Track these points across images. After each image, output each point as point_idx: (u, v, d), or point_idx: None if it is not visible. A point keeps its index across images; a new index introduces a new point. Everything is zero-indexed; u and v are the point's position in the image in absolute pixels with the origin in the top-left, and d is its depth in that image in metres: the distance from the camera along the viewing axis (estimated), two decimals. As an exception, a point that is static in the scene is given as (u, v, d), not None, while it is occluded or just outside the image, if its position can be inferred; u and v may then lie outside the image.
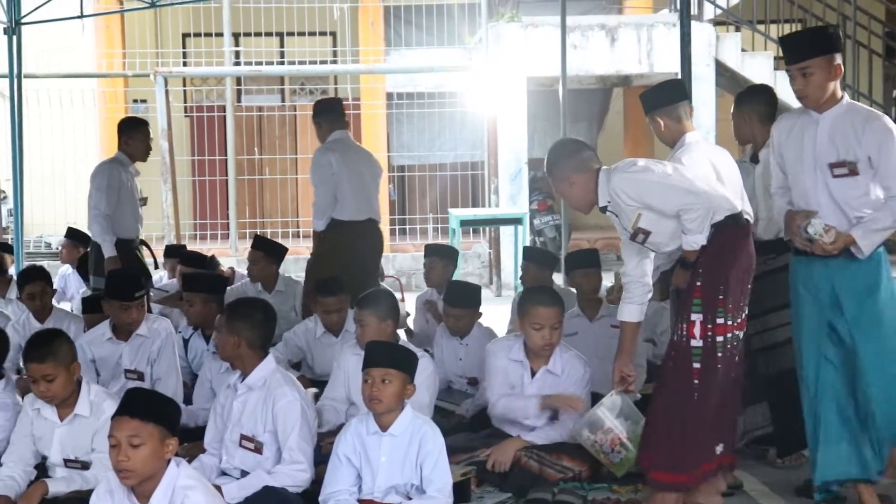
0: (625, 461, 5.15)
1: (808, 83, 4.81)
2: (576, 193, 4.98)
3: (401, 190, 15.89)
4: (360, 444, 4.70)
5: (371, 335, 5.61)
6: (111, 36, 15.17)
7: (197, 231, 14.90)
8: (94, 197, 7.90)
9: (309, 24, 14.97)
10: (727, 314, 4.74)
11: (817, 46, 4.82)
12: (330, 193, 7.77)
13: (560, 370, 5.61)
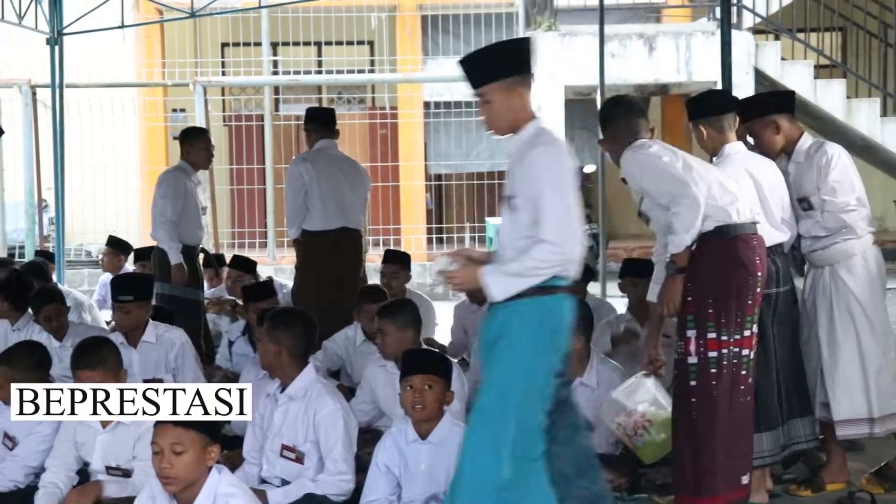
0: (648, 446, 5.11)
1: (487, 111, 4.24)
2: (612, 155, 5.07)
3: (437, 199, 15.90)
4: (399, 453, 4.70)
5: (392, 344, 5.62)
6: (151, 46, 15.29)
7: (235, 239, 14.96)
8: (160, 204, 7.95)
9: (347, 33, 15.03)
10: (720, 329, 4.69)
11: (493, 70, 4.22)
12: (298, 203, 7.84)
13: (595, 382, 5.58)
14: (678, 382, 4.82)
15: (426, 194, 15.40)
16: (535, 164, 4.06)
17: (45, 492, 4.84)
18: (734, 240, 4.74)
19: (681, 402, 4.80)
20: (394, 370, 5.71)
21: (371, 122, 15.39)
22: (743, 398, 4.79)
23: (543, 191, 4.00)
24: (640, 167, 4.81)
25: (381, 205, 14.70)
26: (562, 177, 4.05)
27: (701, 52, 13.32)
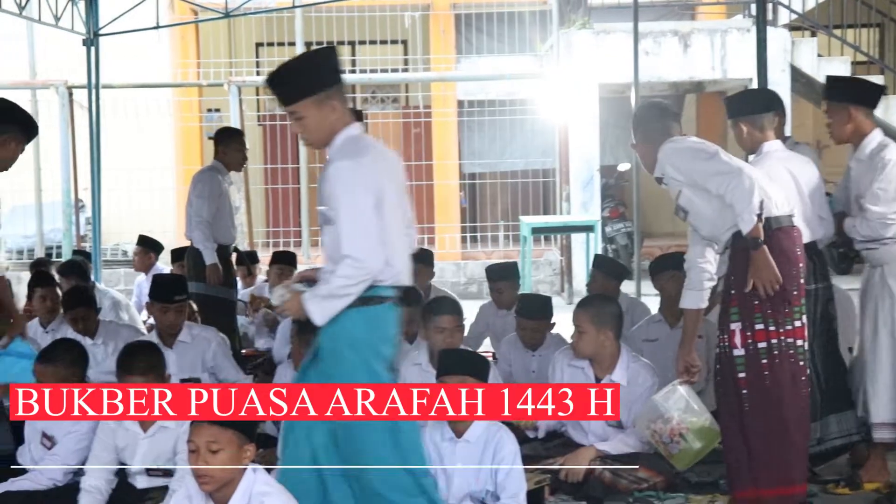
0: (684, 453, 5.10)
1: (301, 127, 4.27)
2: (644, 159, 5.06)
3: (472, 198, 15.90)
4: (434, 451, 4.71)
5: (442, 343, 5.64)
6: (186, 46, 15.37)
7: (269, 238, 15.01)
8: (196, 204, 7.98)
9: (380, 32, 15.05)
10: (767, 319, 4.68)
11: (304, 87, 4.21)
12: None
13: (626, 380, 5.56)
14: (722, 377, 4.79)
15: (460, 193, 15.39)
16: (332, 179, 4.11)
17: (89, 496, 4.88)
18: (776, 231, 4.73)
19: (729, 396, 4.78)
20: (428, 368, 5.73)
21: (405, 121, 15.40)
22: (802, 389, 4.77)
23: (339, 205, 4.06)
24: (683, 156, 4.82)
25: (414, 204, 14.58)
26: (356, 190, 4.08)
27: (736, 49, 13.22)
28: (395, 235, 4.19)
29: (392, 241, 4.17)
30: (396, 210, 4.24)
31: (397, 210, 4.25)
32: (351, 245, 4.04)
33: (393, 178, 4.29)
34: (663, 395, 5.12)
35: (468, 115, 15.08)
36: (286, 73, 4.24)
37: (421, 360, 5.83)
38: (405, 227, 4.32)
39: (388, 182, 4.23)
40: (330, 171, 4.13)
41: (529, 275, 12.78)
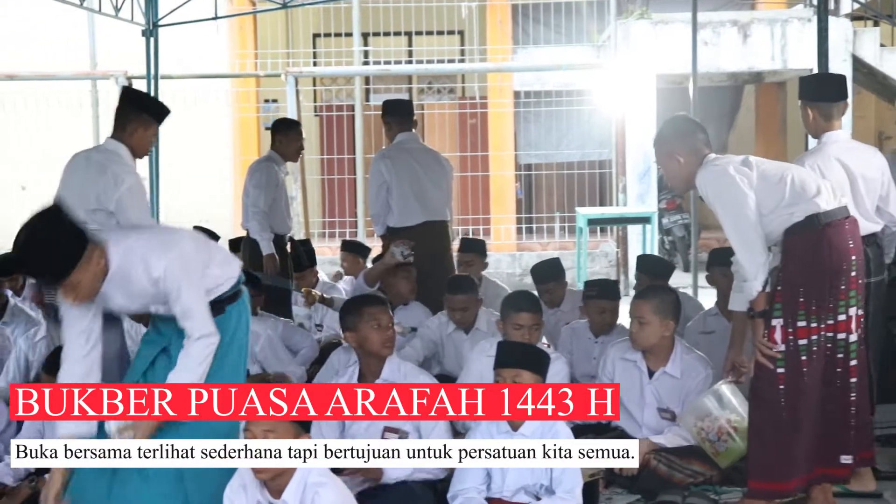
0: (730, 452, 5.10)
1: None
2: (679, 172, 4.94)
3: (527, 189, 15.85)
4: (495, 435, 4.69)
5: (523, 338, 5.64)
6: (244, 37, 15.45)
7: (326, 229, 15.07)
8: (252, 195, 8.04)
9: (437, 23, 15.03)
10: (810, 316, 4.64)
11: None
12: (380, 201, 7.89)
13: (679, 372, 5.52)
14: (760, 371, 4.75)
15: (516, 184, 15.35)
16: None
17: None
18: (824, 228, 4.68)
19: (765, 389, 4.74)
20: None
21: (461, 111, 15.38)
22: (841, 381, 4.74)
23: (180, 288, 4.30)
24: (715, 191, 4.77)
25: (470, 195, 14.70)
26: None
27: (797, 39, 13.08)
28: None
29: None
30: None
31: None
32: (200, 327, 4.41)
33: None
34: (711, 394, 5.12)
35: (524, 105, 15.03)
36: (40, 255, 4.27)
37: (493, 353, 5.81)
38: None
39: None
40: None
41: (585, 266, 12.74)
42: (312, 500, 3.89)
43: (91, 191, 5.43)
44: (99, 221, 5.35)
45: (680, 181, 4.97)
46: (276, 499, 3.94)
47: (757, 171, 4.73)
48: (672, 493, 5.15)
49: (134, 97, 5.75)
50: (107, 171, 5.42)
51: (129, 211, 5.44)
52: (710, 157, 4.86)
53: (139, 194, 5.56)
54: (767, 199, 4.68)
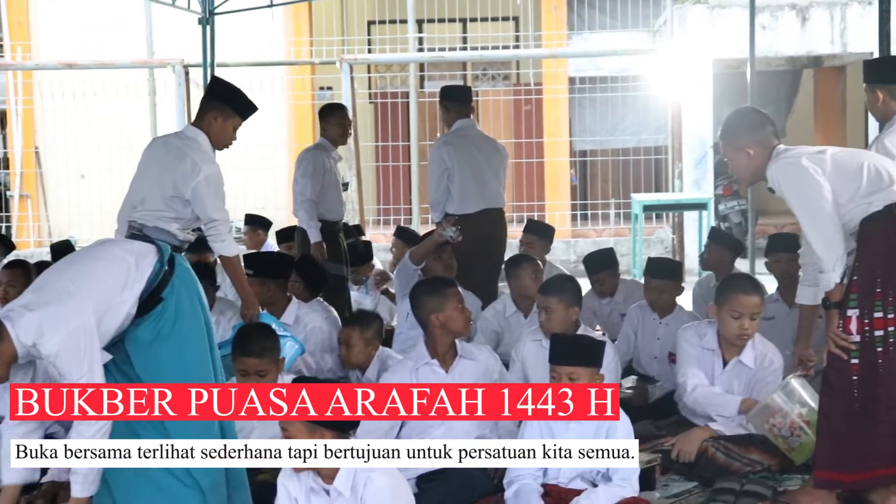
0: (805, 446, 5.06)
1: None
2: (748, 165, 4.84)
3: (582, 175, 15.78)
4: (547, 431, 4.68)
5: (558, 321, 5.59)
6: (299, 24, 15.49)
7: (381, 216, 15.09)
8: (300, 183, 8.06)
9: (492, 9, 14.98)
10: (886, 307, 4.56)
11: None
12: (441, 188, 7.88)
13: (753, 362, 5.47)
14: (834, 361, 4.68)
15: (571, 170, 15.29)
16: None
17: None
18: None
19: (837, 379, 4.67)
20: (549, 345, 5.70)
21: (515, 98, 15.33)
22: None
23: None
24: (787, 185, 4.66)
25: (525, 181, 14.65)
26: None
27: (857, 22, 12.89)
28: None
29: None
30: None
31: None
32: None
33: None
34: (780, 390, 5.08)
35: (580, 91, 14.95)
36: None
37: (541, 337, 5.80)
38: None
39: None
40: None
41: (640, 252, 12.66)
42: (364, 486, 3.91)
43: (169, 177, 5.41)
44: (176, 209, 5.37)
45: (749, 174, 4.88)
46: (328, 484, 3.96)
47: (831, 160, 4.63)
48: (730, 480, 5.11)
49: (220, 88, 5.69)
50: (185, 159, 5.38)
51: (205, 200, 5.41)
52: (780, 148, 4.77)
53: (216, 184, 5.48)
54: (844, 189, 4.58)
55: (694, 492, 5.11)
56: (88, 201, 14.08)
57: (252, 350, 5.03)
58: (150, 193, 5.42)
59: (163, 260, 4.45)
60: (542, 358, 5.71)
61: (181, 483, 4.43)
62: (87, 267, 4.41)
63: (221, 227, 5.48)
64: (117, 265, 4.39)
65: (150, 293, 4.38)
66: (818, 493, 4.73)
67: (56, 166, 15.09)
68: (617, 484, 4.55)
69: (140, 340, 4.35)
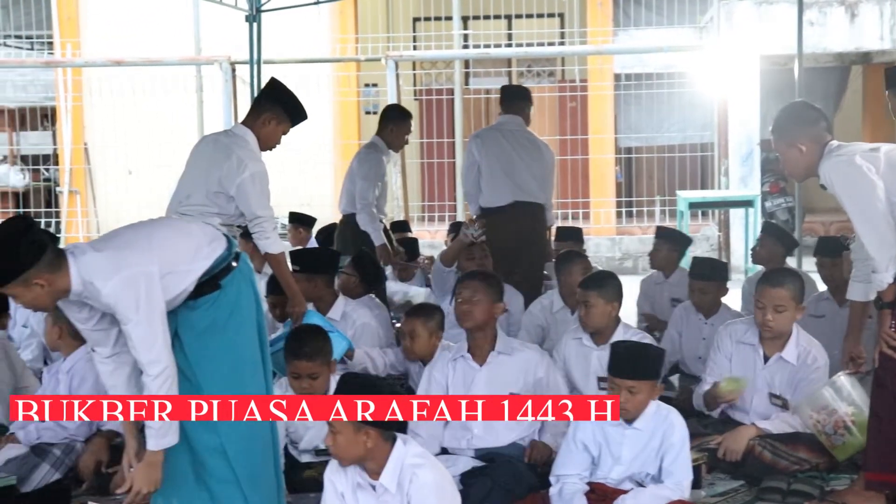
0: (847, 445, 5.02)
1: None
2: (800, 161, 4.77)
3: (627, 172, 15.73)
4: (601, 434, 4.66)
5: (597, 317, 5.58)
6: (345, 21, 15.54)
7: (425, 213, 15.12)
8: (361, 186, 8.05)
9: (537, 5, 14.96)
10: None
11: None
12: (471, 180, 7.92)
13: (795, 359, 5.43)
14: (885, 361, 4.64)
15: (616, 167, 15.23)
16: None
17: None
18: None
19: (889, 380, 4.63)
20: (589, 343, 5.70)
21: (560, 94, 15.31)
22: None
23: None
24: (841, 182, 4.60)
25: (570, 178, 14.63)
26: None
27: (906, 18, 12.76)
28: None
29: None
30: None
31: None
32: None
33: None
34: (829, 385, 5.04)
35: (625, 88, 14.89)
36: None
37: (581, 335, 5.79)
38: None
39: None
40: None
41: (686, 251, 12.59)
42: (410, 481, 3.93)
43: (215, 173, 5.49)
44: (219, 205, 5.42)
45: (800, 170, 4.83)
46: (374, 479, 3.98)
47: (885, 158, 4.57)
48: (777, 479, 5.08)
49: (279, 91, 5.82)
50: (232, 156, 5.47)
51: (250, 197, 5.50)
52: (833, 144, 4.70)
53: (261, 182, 5.57)
54: None
55: (740, 490, 5.09)
56: (136, 197, 14.20)
57: (304, 353, 5.06)
58: (195, 189, 5.50)
59: (230, 250, 4.40)
60: (582, 356, 5.72)
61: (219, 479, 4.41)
62: (160, 229, 4.38)
63: (266, 224, 5.56)
64: (189, 237, 4.34)
65: (211, 277, 4.31)
66: (867, 493, 4.69)
67: (104, 162, 15.24)
68: (668, 487, 4.52)
69: (194, 327, 4.29)
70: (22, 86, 16.07)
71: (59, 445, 5.22)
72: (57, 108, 15.39)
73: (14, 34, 16.40)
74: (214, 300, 4.30)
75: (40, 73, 16.01)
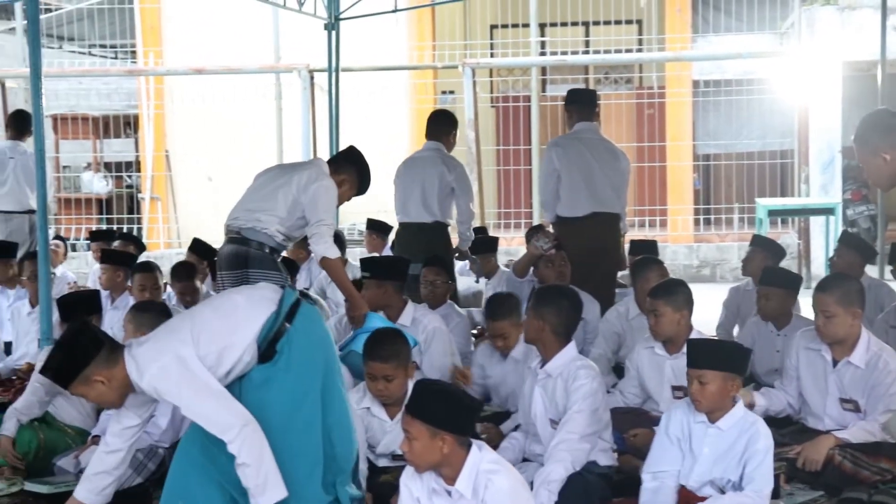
0: None
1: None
2: (884, 171, 4.69)
3: (706, 179, 15.59)
4: (686, 430, 4.62)
5: (666, 325, 5.55)
6: (422, 29, 15.61)
7: (501, 220, 15.13)
8: (469, 196, 8.31)
9: (615, 12, 14.90)
10: None
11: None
12: (549, 189, 7.90)
13: (864, 363, 5.35)
14: None
15: (693, 175, 15.12)
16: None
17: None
18: None
19: None
20: (661, 352, 5.67)
21: (638, 101, 15.24)
22: None
23: None
24: None
25: (647, 185, 14.55)
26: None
27: None
28: None
29: None
30: None
31: None
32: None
33: None
34: None
35: (703, 94, 14.78)
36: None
37: (653, 344, 5.76)
38: None
39: None
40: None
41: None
42: (486, 487, 3.93)
43: (294, 179, 5.81)
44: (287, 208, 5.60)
45: (885, 180, 4.75)
46: (449, 485, 3.99)
47: None
48: (857, 490, 4.99)
49: (356, 156, 6.26)
50: (310, 168, 5.93)
51: (319, 202, 5.71)
52: None
53: (333, 193, 5.89)
54: None
55: (820, 501, 5.01)
56: (216, 203, 14.37)
57: (379, 354, 5.08)
58: (265, 199, 5.71)
59: (280, 311, 4.40)
60: (655, 364, 5.69)
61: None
62: (203, 310, 4.49)
63: (325, 229, 5.74)
64: (229, 314, 4.38)
65: (268, 344, 4.35)
66: None
67: (185, 169, 15.46)
68: (747, 495, 4.44)
69: (252, 380, 4.35)
70: (106, 94, 16.39)
71: (142, 450, 5.31)
72: (139, 116, 15.66)
73: (99, 43, 16.72)
74: (273, 361, 4.36)
75: (124, 82, 16.31)
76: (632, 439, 5.33)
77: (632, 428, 5.41)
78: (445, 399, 3.99)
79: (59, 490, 5.13)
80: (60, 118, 15.63)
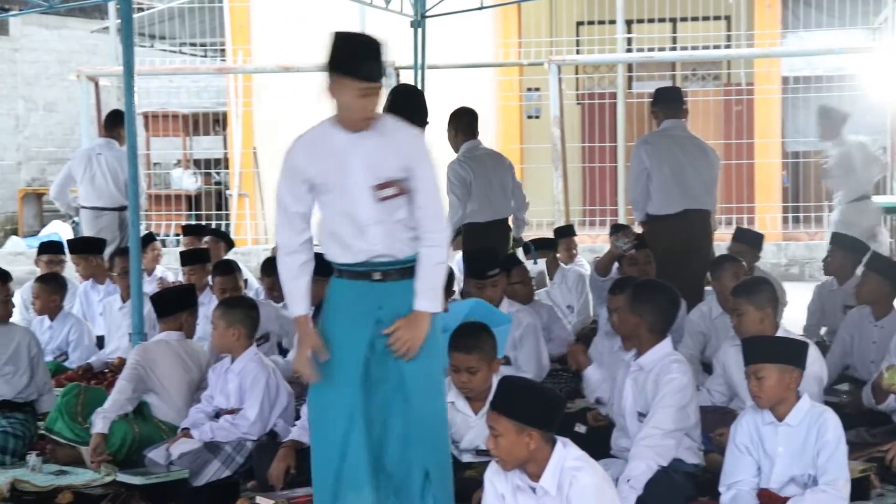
0: None
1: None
2: None
3: (795, 176, 15.37)
4: (756, 434, 4.59)
5: (749, 324, 5.49)
6: (508, 26, 15.60)
7: (586, 217, 15.07)
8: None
9: (703, 8, 14.77)
10: None
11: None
12: (640, 187, 7.85)
13: None
14: None
15: (782, 172, 14.91)
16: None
17: None
18: None
19: None
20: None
21: (726, 98, 15.07)
22: None
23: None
24: None
25: (734, 183, 14.37)
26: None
27: None
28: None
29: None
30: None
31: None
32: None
33: None
34: None
35: (793, 91, 14.58)
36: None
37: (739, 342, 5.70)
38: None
39: None
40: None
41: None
42: (570, 484, 3.93)
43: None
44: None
45: None
46: (534, 482, 4.00)
47: None
48: (951, 491, 4.91)
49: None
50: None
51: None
52: None
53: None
54: None
55: (912, 503, 4.94)
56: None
57: (461, 345, 5.09)
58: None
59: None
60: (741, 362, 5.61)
61: None
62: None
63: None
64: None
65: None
66: None
67: (272, 166, 15.50)
68: (822, 489, 4.40)
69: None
70: (195, 92, 16.65)
71: (230, 443, 5.39)
72: (228, 114, 15.86)
73: (189, 42, 16.99)
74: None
75: (213, 80, 16.55)
76: (718, 438, 5.29)
77: (718, 427, 5.36)
78: (531, 395, 4.00)
79: (150, 482, 5.23)
80: (151, 116, 15.90)
